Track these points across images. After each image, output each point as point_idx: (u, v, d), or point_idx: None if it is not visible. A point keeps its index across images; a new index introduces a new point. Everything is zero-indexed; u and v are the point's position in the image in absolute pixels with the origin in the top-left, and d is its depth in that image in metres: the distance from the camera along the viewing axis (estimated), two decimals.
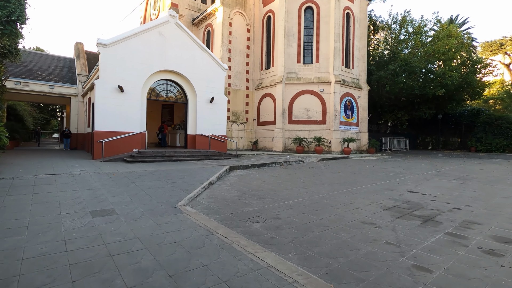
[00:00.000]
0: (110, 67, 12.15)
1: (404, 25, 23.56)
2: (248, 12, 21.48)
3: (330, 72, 18.81)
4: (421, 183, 8.70)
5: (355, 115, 20.60)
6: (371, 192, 7.23)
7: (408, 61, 21.02)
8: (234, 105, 20.53)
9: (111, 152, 11.99)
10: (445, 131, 29.83)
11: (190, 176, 8.46)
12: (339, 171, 11.22)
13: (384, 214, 5.26)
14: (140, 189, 6.45)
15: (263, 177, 9.37)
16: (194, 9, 23.83)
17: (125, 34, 12.57)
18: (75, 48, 21.90)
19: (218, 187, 7.54)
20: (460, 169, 12.40)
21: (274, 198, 6.42)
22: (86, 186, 6.47)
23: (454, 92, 23.02)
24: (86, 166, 9.55)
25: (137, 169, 9.33)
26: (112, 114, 12.19)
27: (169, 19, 13.76)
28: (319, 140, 17.81)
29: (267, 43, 21.08)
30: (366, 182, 8.75)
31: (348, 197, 6.62)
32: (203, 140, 14.97)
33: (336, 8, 18.65)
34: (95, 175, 7.90)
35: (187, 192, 6.39)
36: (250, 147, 21.34)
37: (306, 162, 14.29)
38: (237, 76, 20.99)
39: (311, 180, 8.97)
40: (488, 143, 24.43)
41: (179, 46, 14.12)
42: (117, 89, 12.28)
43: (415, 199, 6.51)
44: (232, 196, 6.47)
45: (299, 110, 19.16)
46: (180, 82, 14.54)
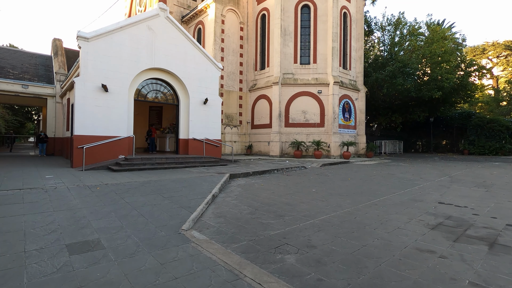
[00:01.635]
0: (92, 63, 10.79)
1: (399, 27, 23.32)
2: (242, 10, 20.50)
3: (328, 73, 18.08)
4: (444, 192, 7.93)
5: (353, 117, 19.97)
6: (399, 205, 6.35)
7: (406, 62, 20.67)
8: (227, 107, 19.42)
9: (93, 159, 10.60)
10: (436, 134, 29.87)
11: (189, 187, 7.30)
12: (349, 178, 10.35)
13: (436, 236, 4.35)
14: (132, 208, 5.25)
15: (270, 187, 8.34)
16: (183, 6, 22.61)
17: (109, 27, 11.27)
18: (53, 44, 20.14)
19: (223, 201, 6.43)
20: (470, 174, 11.84)
21: (294, 215, 5.39)
22: (63, 205, 5.20)
23: (450, 94, 22.93)
24: (63, 177, 8.18)
25: (125, 179, 8.05)
26: (95, 117, 10.82)
27: (159, 13, 12.56)
28: (318, 144, 16.98)
29: (261, 42, 20.15)
30: (385, 192, 7.89)
31: (378, 212, 5.69)
32: (196, 144, 13.76)
33: (334, 7, 18.00)
34: (74, 188, 6.59)
35: (189, 211, 5.26)
36: (244, 152, 20.25)
37: (308, 168, 13.37)
38: (230, 76, 19.90)
39: (324, 190, 8.01)
40: (481, 146, 24.48)
41: (170, 42, 12.92)
42: (100, 89, 10.93)
43: (455, 213, 5.67)
44: (244, 214, 5.39)
45: (296, 113, 18.28)
46: (171, 81, 13.31)
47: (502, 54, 44.62)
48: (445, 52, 21.14)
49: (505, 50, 44.55)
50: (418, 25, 23.44)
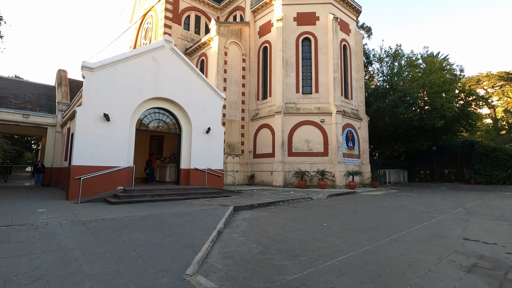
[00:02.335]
0: (95, 92, 10.71)
1: (397, 58, 23.96)
2: (244, 43, 21.11)
3: (331, 102, 18.14)
4: (465, 226, 7.38)
5: (357, 146, 19.72)
6: (422, 242, 5.81)
7: (406, 92, 20.90)
8: (229, 136, 19.22)
9: (90, 191, 10.10)
10: (440, 163, 29.51)
11: (192, 222, 6.77)
12: (359, 211, 9.79)
13: (475, 282, 3.81)
14: (130, 247, 4.72)
15: (278, 221, 7.79)
16: (187, 39, 23.36)
17: (114, 58, 11.35)
18: (57, 75, 20.42)
19: (230, 238, 5.89)
20: (485, 206, 11.29)
21: (309, 254, 4.85)
22: (53, 245, 4.67)
23: (452, 123, 22.94)
24: (57, 211, 7.65)
25: (123, 213, 7.52)
26: (95, 146, 10.50)
27: (164, 44, 12.77)
28: (323, 173, 16.53)
29: (263, 73, 20.49)
30: (401, 226, 7.34)
31: (401, 251, 5.15)
32: (198, 174, 13.31)
33: (334, 40, 18.53)
34: (67, 225, 6.06)
35: (193, 250, 4.72)
36: (246, 181, 19.70)
37: (315, 199, 12.82)
38: (232, 106, 19.96)
39: (336, 224, 7.46)
40: (487, 175, 24.01)
41: (174, 73, 12.99)
42: (101, 118, 10.73)
43: (486, 252, 5.13)
44: (254, 254, 4.84)
45: (300, 142, 18.04)
46: (174, 111, 13.20)
47: (497, 84, 45.74)
48: (444, 82, 21.49)
49: (499, 80, 45.76)
50: (415, 57, 24.14)
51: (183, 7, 24.14)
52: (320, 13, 19.29)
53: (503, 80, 45.37)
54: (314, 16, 19.30)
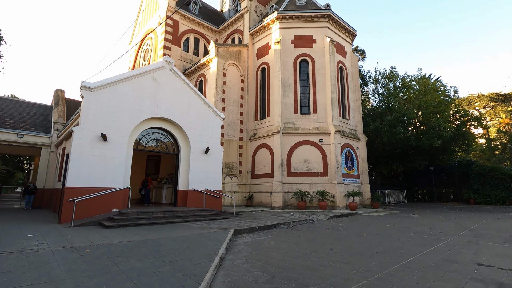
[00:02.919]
0: (94, 112, 10.56)
1: (392, 80, 24.49)
2: (242, 64, 21.45)
3: (329, 122, 18.21)
4: (476, 250, 7.12)
5: (356, 166, 19.60)
6: (434, 268, 5.52)
7: (403, 112, 21.16)
8: (227, 156, 19.01)
9: (84, 214, 9.69)
10: (438, 182, 29.43)
11: (192, 248, 6.41)
12: (364, 234, 9.47)
13: None
14: (127, 278, 4.37)
15: (281, 245, 7.45)
16: (186, 60, 23.70)
17: (114, 78, 11.33)
18: (55, 95, 20.34)
19: (233, 265, 5.54)
20: (491, 227, 11.05)
21: (319, 283, 4.54)
22: (44, 276, 4.31)
23: (449, 143, 23.11)
24: (48, 236, 7.24)
25: (119, 238, 7.13)
26: (90, 167, 10.20)
27: (164, 65, 12.85)
28: (323, 194, 16.24)
29: (261, 93, 20.68)
30: (410, 250, 7.05)
31: (416, 279, 4.86)
32: (196, 196, 12.95)
33: (331, 61, 18.92)
34: (59, 252, 5.68)
35: (196, 280, 4.38)
36: (244, 202, 19.26)
37: (316, 220, 12.47)
38: (230, 126, 19.91)
39: (342, 249, 7.14)
40: (487, 195, 23.90)
41: (174, 93, 12.99)
42: (99, 138, 10.52)
43: (505, 280, 4.86)
44: (260, 283, 4.52)
45: (299, 162, 17.88)
46: (173, 130, 13.06)
47: (488, 105, 46.84)
48: (439, 103, 21.88)
49: (490, 101, 46.93)
50: (410, 79, 24.72)
51: (183, 29, 24.70)
52: (316, 36, 19.82)
53: (494, 101, 46.54)
54: (311, 39, 19.81)
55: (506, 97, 47.00)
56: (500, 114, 44.12)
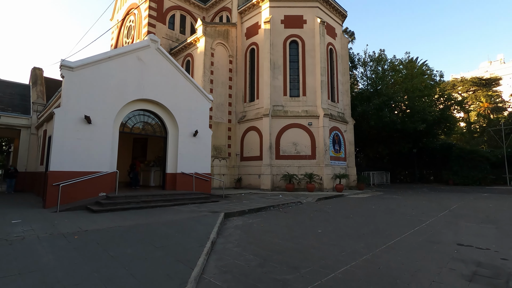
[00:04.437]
0: (76, 93, 10.08)
1: (381, 63, 24.53)
2: (231, 44, 20.82)
3: (318, 105, 18.22)
4: (456, 230, 7.49)
5: (343, 149, 19.92)
6: (418, 249, 5.79)
7: (390, 96, 21.39)
8: (215, 139, 18.83)
9: (70, 198, 9.48)
10: (420, 164, 30.48)
11: (183, 232, 6.43)
12: (351, 216, 9.77)
13: None
14: (119, 264, 4.34)
15: (271, 228, 7.59)
16: (172, 38, 22.78)
17: (96, 57, 10.76)
18: (32, 73, 19.25)
19: (224, 249, 5.61)
20: (469, 207, 11.64)
21: (310, 266, 4.67)
22: (32, 265, 4.21)
23: (432, 126, 23.73)
24: (34, 221, 7.06)
25: (108, 223, 7.05)
26: (74, 151, 9.87)
27: (149, 44, 12.28)
28: (311, 176, 16.53)
29: (250, 75, 20.29)
30: (395, 231, 7.34)
31: (401, 259, 5.08)
32: (185, 179, 12.88)
33: (321, 43, 18.64)
34: (46, 238, 5.56)
35: (188, 265, 4.41)
36: (233, 185, 19.38)
37: (304, 203, 12.74)
38: (219, 108, 19.61)
39: (331, 231, 7.36)
40: (465, 176, 25.02)
41: (160, 74, 12.52)
42: (82, 120, 10.12)
43: (483, 259, 5.16)
44: (252, 267, 4.60)
45: (287, 145, 17.97)
46: (160, 113, 12.72)
47: (470, 89, 48.03)
48: (425, 87, 22.21)
49: (472, 86, 48.12)
50: (398, 62, 24.83)
51: (168, 6, 23.53)
52: (307, 16, 19.36)
53: (475, 86, 47.77)
54: (302, 19, 19.35)
55: (487, 81, 48.33)
56: (480, 98, 45.48)
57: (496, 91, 48.99)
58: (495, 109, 43.22)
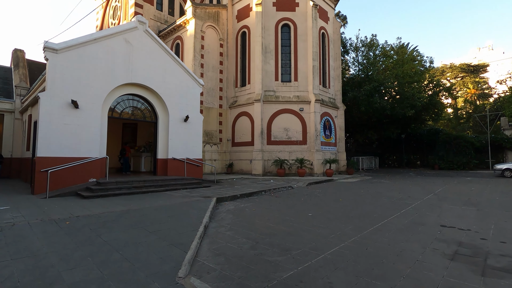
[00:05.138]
0: (61, 77, 9.75)
1: (372, 48, 24.48)
2: (221, 27, 20.32)
3: (310, 91, 18.19)
4: (440, 213, 7.81)
5: (333, 135, 20.13)
6: (404, 230, 6.03)
7: (381, 82, 21.51)
8: (206, 124, 18.69)
9: (59, 184, 9.36)
10: (408, 149, 31.19)
11: (175, 217, 6.49)
12: (340, 199, 10.03)
13: (460, 269, 3.99)
14: (112, 249, 4.38)
15: (263, 212, 7.74)
16: (160, 20, 22.03)
17: (81, 38, 10.36)
18: (13, 55, 18.43)
19: (217, 232, 5.71)
20: (452, 191, 12.09)
21: (300, 248, 4.83)
22: (24, 251, 4.21)
23: (420, 112, 24.13)
24: (23, 208, 6.98)
25: (99, 209, 7.04)
26: (62, 136, 9.67)
27: (137, 25, 11.87)
28: (302, 162, 16.73)
29: (242, 59, 19.97)
30: (382, 214, 7.60)
31: (387, 240, 5.30)
32: (176, 164, 12.85)
33: (313, 27, 18.39)
34: (37, 225, 5.53)
35: (182, 249, 4.49)
36: (224, 170, 19.47)
37: (295, 187, 12.96)
38: (210, 93, 19.35)
39: (321, 214, 7.56)
40: (450, 161, 25.79)
41: (149, 57, 12.20)
42: (69, 105, 9.86)
43: (464, 239, 5.43)
44: (245, 249, 4.72)
45: (279, 130, 18.03)
46: (149, 97, 12.49)
47: (459, 75, 48.71)
48: (415, 73, 22.39)
49: (460, 72, 48.76)
50: (389, 47, 24.83)
51: None
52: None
53: (464, 72, 48.42)
54: (294, 2, 18.95)
55: (475, 68, 49.00)
56: (468, 85, 46.26)
57: (483, 77, 49.84)
58: (482, 95, 44.14)
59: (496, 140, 25.83)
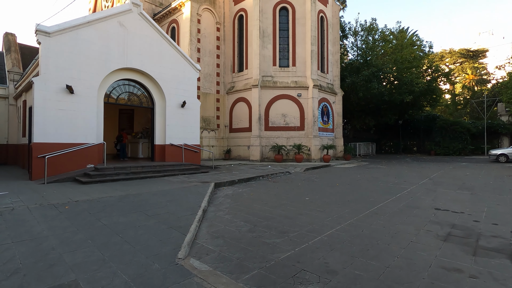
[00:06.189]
0: (55, 61, 9.57)
1: (372, 33, 24.11)
2: (218, 10, 19.83)
3: (308, 76, 18.02)
4: (434, 197, 7.95)
5: (331, 121, 20.13)
6: (399, 213, 6.15)
7: (380, 67, 21.32)
8: (204, 110, 18.58)
9: (57, 170, 9.36)
10: (405, 135, 31.35)
11: (174, 202, 6.55)
12: (337, 184, 10.15)
13: (453, 250, 4.11)
14: (112, 232, 4.44)
15: (260, 196, 7.83)
16: (155, 3, 21.44)
17: (74, 21, 10.09)
18: (5, 39, 17.96)
19: (216, 216, 5.80)
20: (447, 176, 12.26)
21: (298, 230, 4.93)
22: (24, 234, 4.26)
23: (418, 98, 24.10)
24: (22, 193, 7.01)
25: (98, 194, 7.08)
26: (58, 122, 9.58)
27: (131, 8, 11.56)
28: (299, 147, 16.79)
29: (239, 43, 19.62)
30: (378, 198, 7.72)
31: (382, 223, 5.42)
32: (174, 150, 12.86)
33: (312, 10, 18.01)
34: (37, 209, 5.56)
35: (181, 232, 4.57)
36: (222, 156, 19.52)
37: (292, 172, 13.06)
38: (207, 78, 19.11)
39: (318, 198, 7.66)
40: (446, 146, 26.02)
41: (144, 41, 11.95)
42: (64, 90, 9.73)
43: (457, 221, 5.56)
44: (243, 232, 4.81)
45: (276, 116, 17.97)
46: (146, 83, 12.32)
47: (458, 61, 48.34)
48: (415, 58, 22.19)
49: (459, 57, 48.35)
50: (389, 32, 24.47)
51: None
52: None
53: (463, 57, 48.02)
54: None
55: (474, 53, 48.55)
56: (467, 70, 46.02)
57: (482, 63, 49.51)
58: (480, 81, 44.01)
59: (492, 126, 26.00)
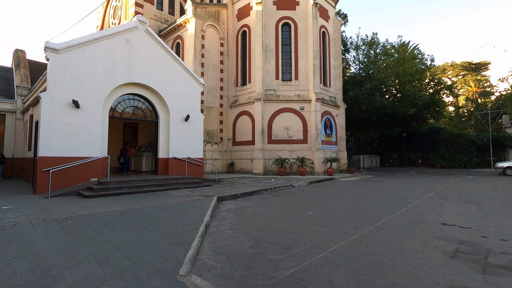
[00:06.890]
0: (62, 77, 9.78)
1: (373, 47, 24.45)
2: (222, 26, 20.32)
3: (310, 89, 18.19)
4: (440, 211, 7.81)
5: (334, 133, 20.13)
6: (404, 228, 6.04)
7: (382, 80, 21.48)
8: (207, 123, 18.72)
9: (61, 184, 9.40)
10: (409, 148, 31.16)
11: (177, 216, 6.51)
12: (341, 198, 10.03)
13: (461, 267, 4.00)
14: (114, 247, 4.41)
15: (264, 211, 7.75)
16: (160, 20, 22.04)
17: (82, 38, 10.39)
18: (15, 56, 18.48)
19: (218, 231, 5.73)
20: (453, 189, 12.07)
21: (301, 246, 4.84)
22: (26, 249, 4.24)
23: (422, 111, 24.11)
24: (25, 207, 7.02)
25: (101, 208, 7.06)
26: (63, 136, 9.70)
27: (137, 25, 11.89)
28: (302, 160, 16.74)
29: (242, 58, 19.97)
30: (383, 213, 7.60)
31: (388, 238, 5.31)
32: (177, 164, 12.88)
33: (314, 26, 18.36)
34: (39, 224, 5.56)
35: (183, 247, 4.51)
36: (225, 169, 19.50)
37: (296, 186, 12.97)
38: (210, 92, 19.36)
39: (322, 213, 7.57)
40: (451, 159, 25.75)
41: (149, 56, 12.22)
42: (70, 105, 9.90)
43: (464, 237, 5.44)
44: (246, 248, 4.74)
45: (279, 129, 18.03)
46: (150, 97, 12.51)
47: (460, 73, 48.55)
48: (416, 71, 22.36)
49: (462, 70, 48.60)
50: (390, 45, 24.81)
51: None
52: None
53: (465, 70, 48.26)
54: (294, 1, 18.93)
55: (477, 66, 48.80)
56: (469, 83, 46.12)
57: (485, 75, 49.65)
58: (483, 93, 44.01)
59: (497, 138, 25.78)
